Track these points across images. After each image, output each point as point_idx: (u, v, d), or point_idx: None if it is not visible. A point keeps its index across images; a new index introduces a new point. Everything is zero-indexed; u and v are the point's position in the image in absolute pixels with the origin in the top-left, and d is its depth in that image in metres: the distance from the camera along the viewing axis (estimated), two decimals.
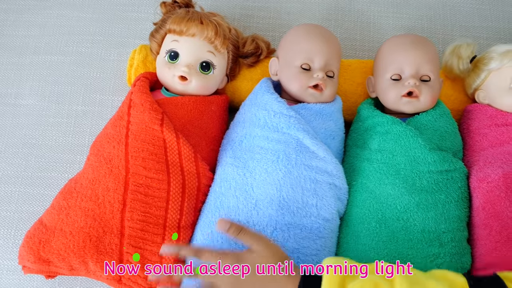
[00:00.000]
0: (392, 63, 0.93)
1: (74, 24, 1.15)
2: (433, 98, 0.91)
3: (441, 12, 1.17)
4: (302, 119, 0.88)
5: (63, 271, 0.85)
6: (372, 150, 0.90)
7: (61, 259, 0.82)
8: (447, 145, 0.91)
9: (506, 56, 0.93)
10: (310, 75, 0.91)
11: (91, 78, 1.10)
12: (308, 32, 0.94)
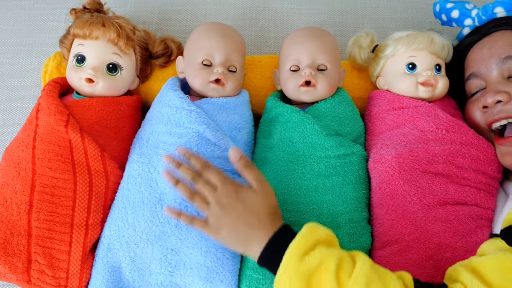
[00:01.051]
0: (290, 55, 0.95)
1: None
2: (330, 86, 0.94)
3: (352, 6, 1.20)
4: (203, 113, 0.90)
5: None
6: (275, 140, 0.93)
7: None
8: (347, 131, 0.93)
9: (399, 42, 0.96)
10: (211, 71, 0.93)
11: (12, 88, 1.11)
12: (208, 29, 0.96)
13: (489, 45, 0.91)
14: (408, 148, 0.88)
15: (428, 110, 0.92)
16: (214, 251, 0.85)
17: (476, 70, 0.92)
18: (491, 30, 0.93)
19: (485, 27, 0.94)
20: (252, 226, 0.76)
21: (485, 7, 0.94)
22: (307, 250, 0.70)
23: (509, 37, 0.90)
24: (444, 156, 0.88)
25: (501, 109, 0.87)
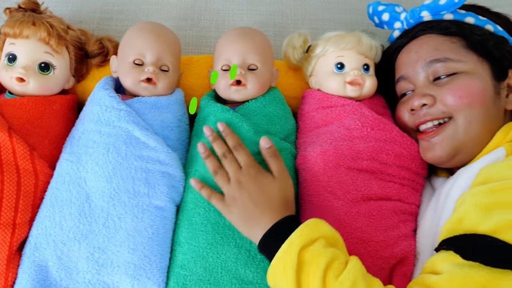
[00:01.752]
0: (221, 54, 0.96)
1: None
2: (261, 85, 0.95)
3: (292, 7, 1.21)
4: (133, 112, 0.90)
5: None
6: (205, 138, 0.93)
7: None
8: (277, 129, 0.95)
9: (328, 42, 0.98)
10: (142, 70, 0.93)
11: None
12: (140, 29, 0.97)
13: (416, 49, 0.93)
14: (333, 145, 0.90)
15: (355, 109, 0.93)
16: (141, 249, 0.86)
17: (404, 73, 0.94)
18: (418, 34, 0.95)
19: (413, 31, 0.96)
20: (261, 209, 0.80)
21: (412, 10, 0.96)
22: (307, 244, 0.72)
23: (434, 41, 0.92)
24: (368, 153, 0.90)
25: (427, 112, 0.89)
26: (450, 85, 0.87)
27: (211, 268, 0.85)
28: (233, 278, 0.85)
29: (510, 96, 0.90)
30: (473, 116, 0.85)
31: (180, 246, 0.88)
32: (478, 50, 0.89)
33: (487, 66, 0.89)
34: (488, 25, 0.92)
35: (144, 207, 0.87)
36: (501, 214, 0.67)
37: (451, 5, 0.90)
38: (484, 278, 0.62)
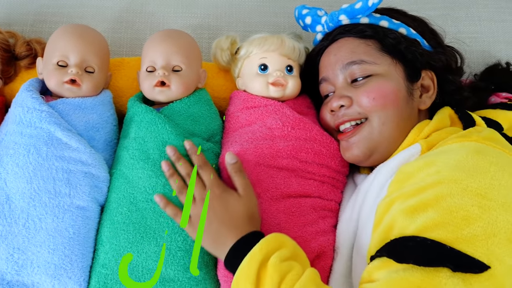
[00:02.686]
0: (147, 56, 0.97)
1: None
2: (185, 87, 0.96)
3: (227, 10, 1.23)
4: (55, 113, 0.90)
5: None
6: (130, 139, 0.94)
7: None
8: (201, 129, 0.96)
9: (252, 44, 1.00)
10: (65, 71, 0.93)
11: None
12: (65, 31, 0.97)
13: (335, 52, 0.96)
14: (253, 144, 0.92)
15: (277, 109, 0.95)
16: (62, 249, 0.86)
17: (325, 75, 0.97)
18: (337, 37, 0.98)
19: (332, 34, 0.99)
20: (226, 226, 0.81)
21: (331, 14, 0.98)
22: (264, 259, 0.73)
23: (351, 44, 0.95)
24: (288, 151, 0.91)
25: (345, 112, 0.92)
26: (365, 87, 0.90)
27: (132, 266, 0.86)
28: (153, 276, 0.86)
29: (423, 96, 0.93)
30: (387, 117, 0.88)
31: (102, 246, 0.88)
32: (392, 52, 0.92)
33: (400, 68, 0.92)
34: (401, 28, 0.95)
35: (65, 207, 0.87)
36: (426, 213, 0.68)
37: (365, 9, 0.92)
38: (419, 279, 0.63)
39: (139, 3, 1.22)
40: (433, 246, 0.65)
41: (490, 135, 0.82)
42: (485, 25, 1.24)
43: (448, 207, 0.67)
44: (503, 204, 0.66)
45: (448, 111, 0.92)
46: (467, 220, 0.65)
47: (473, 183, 0.68)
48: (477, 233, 0.64)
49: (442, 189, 0.69)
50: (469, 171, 0.70)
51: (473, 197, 0.67)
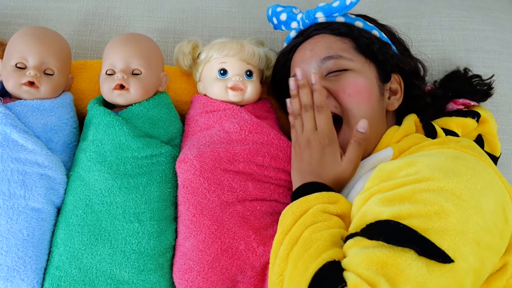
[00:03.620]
0: (107, 59, 0.98)
1: None
2: (144, 90, 0.96)
3: (193, 15, 1.23)
4: (11, 115, 0.90)
5: None
6: (88, 141, 0.94)
7: None
8: (160, 132, 0.96)
9: (212, 48, 1.00)
10: (24, 73, 0.93)
11: None
12: (24, 33, 0.96)
13: (311, 47, 0.96)
14: (210, 148, 0.92)
15: (235, 113, 0.96)
16: (15, 251, 0.85)
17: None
18: (312, 33, 0.98)
19: (308, 30, 1.00)
20: (309, 174, 0.84)
21: (308, 12, 0.99)
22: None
23: (328, 40, 0.96)
24: (245, 155, 0.92)
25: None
26: (341, 82, 0.91)
27: (86, 268, 0.86)
28: (108, 279, 0.86)
29: (391, 98, 0.95)
30: (360, 111, 0.89)
31: (57, 248, 0.88)
32: (365, 52, 0.94)
33: (374, 68, 0.94)
34: (374, 30, 0.97)
35: (20, 209, 0.87)
36: (402, 204, 0.69)
37: (342, 8, 0.94)
38: (386, 255, 0.64)
39: (105, 6, 1.22)
40: (404, 230, 0.66)
41: (467, 144, 0.84)
42: (446, 34, 1.26)
43: (423, 200, 0.69)
44: (475, 207, 0.68)
45: (414, 118, 0.93)
46: (440, 214, 0.67)
47: (450, 183, 0.70)
48: (447, 227, 0.66)
49: (419, 185, 0.71)
50: (447, 173, 0.72)
51: (449, 196, 0.68)
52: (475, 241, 0.66)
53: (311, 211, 0.77)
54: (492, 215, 0.69)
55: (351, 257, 0.68)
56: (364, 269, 0.64)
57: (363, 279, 0.63)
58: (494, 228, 0.68)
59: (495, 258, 0.69)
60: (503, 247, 0.70)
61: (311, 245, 0.72)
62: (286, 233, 0.76)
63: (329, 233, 0.74)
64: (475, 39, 1.26)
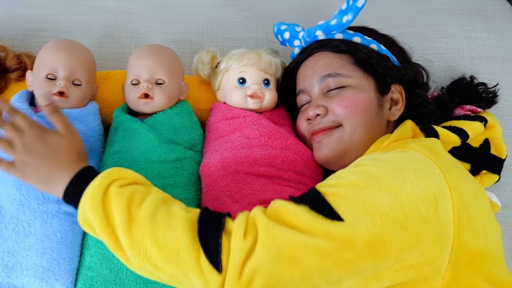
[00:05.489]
0: (131, 70, 1.02)
1: None
2: (168, 99, 1.01)
3: (208, 26, 1.28)
4: (44, 124, 0.94)
5: None
6: (116, 147, 0.99)
7: None
8: (183, 139, 1.01)
9: (231, 59, 1.05)
10: (54, 84, 0.98)
11: None
12: (54, 46, 1.01)
13: (312, 65, 1.01)
14: (232, 153, 0.97)
15: (254, 120, 1.01)
16: (50, 252, 0.89)
17: (303, 87, 1.02)
18: (313, 51, 1.03)
19: (309, 48, 1.04)
20: (55, 166, 0.81)
21: (308, 30, 1.04)
22: (106, 188, 0.77)
23: (327, 58, 1.00)
24: (265, 159, 0.96)
25: (320, 121, 0.97)
26: (338, 97, 0.96)
27: (116, 269, 0.89)
28: (137, 278, 0.89)
29: (392, 109, 0.99)
30: (358, 124, 0.94)
31: (88, 249, 0.92)
32: (364, 66, 0.98)
33: (372, 81, 0.98)
34: (372, 44, 1.02)
35: (54, 213, 0.91)
36: (328, 180, 0.80)
37: (340, 26, 0.98)
38: (282, 205, 0.77)
39: (124, 19, 1.27)
40: (312, 192, 0.78)
41: (430, 145, 0.88)
42: (451, 42, 1.31)
43: (342, 176, 0.80)
44: (391, 188, 0.74)
45: (410, 123, 0.96)
46: (349, 186, 0.76)
47: (373, 168, 0.78)
48: (350, 196, 0.74)
49: (347, 168, 0.82)
50: (376, 161, 0.81)
51: (365, 175, 0.77)
52: (378, 214, 0.72)
53: (112, 194, 0.77)
54: (413, 201, 0.74)
55: (273, 205, 0.79)
56: (252, 212, 0.78)
57: (247, 216, 0.76)
58: (414, 211, 0.73)
59: (409, 238, 0.73)
60: (425, 232, 0.74)
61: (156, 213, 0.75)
62: (112, 227, 0.75)
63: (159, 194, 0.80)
64: (478, 47, 1.31)
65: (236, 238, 0.73)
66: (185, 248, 0.73)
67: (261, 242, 0.72)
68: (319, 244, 0.71)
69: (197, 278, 0.72)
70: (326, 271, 0.72)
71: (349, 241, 0.71)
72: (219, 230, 0.74)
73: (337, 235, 0.71)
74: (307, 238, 0.71)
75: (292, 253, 0.71)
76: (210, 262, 0.72)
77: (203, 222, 0.76)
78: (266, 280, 0.71)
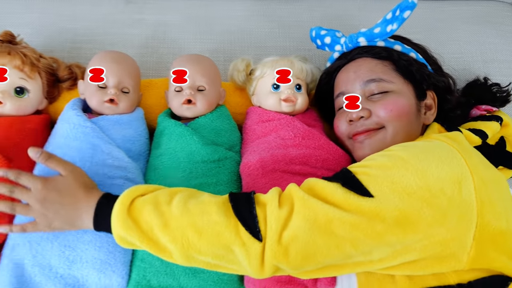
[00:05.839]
0: (173, 77, 1.06)
1: None
2: (209, 104, 1.05)
3: (239, 37, 1.32)
4: (97, 129, 0.98)
5: None
6: (162, 149, 1.02)
7: None
8: (223, 140, 1.05)
9: (265, 66, 1.09)
10: (105, 92, 1.02)
11: None
12: (103, 57, 1.05)
13: (354, 69, 1.02)
14: (270, 153, 1.00)
15: (289, 122, 1.04)
16: (106, 246, 0.92)
17: (344, 90, 1.02)
18: (355, 56, 1.04)
19: (351, 53, 1.05)
20: (72, 206, 0.82)
21: (350, 36, 1.05)
22: (129, 205, 0.79)
23: (370, 63, 1.01)
24: (300, 158, 1.00)
25: (363, 123, 0.98)
26: (382, 101, 0.97)
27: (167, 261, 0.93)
28: (186, 268, 0.93)
29: (427, 114, 1.01)
30: (400, 126, 0.95)
31: None
32: (404, 73, 1.00)
33: (411, 87, 1.00)
34: (412, 52, 1.04)
35: None
36: (371, 167, 0.80)
37: (383, 34, 1.00)
38: (316, 182, 0.80)
39: (162, 31, 1.31)
40: (344, 172, 0.81)
41: (451, 135, 0.90)
42: (463, 47, 1.34)
43: (374, 158, 0.82)
44: (417, 170, 0.77)
45: (436, 125, 0.99)
46: (379, 167, 0.79)
47: (401, 152, 0.81)
48: (379, 175, 0.77)
49: (379, 152, 0.84)
50: (405, 147, 0.83)
51: (394, 158, 0.80)
52: (406, 192, 0.75)
53: (137, 206, 0.78)
54: (438, 181, 0.76)
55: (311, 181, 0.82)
56: (287, 188, 0.81)
57: (279, 191, 0.80)
58: (439, 191, 0.75)
59: (436, 215, 0.75)
60: (451, 211, 0.75)
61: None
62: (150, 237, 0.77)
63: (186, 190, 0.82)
64: (490, 51, 1.33)
65: (272, 207, 0.76)
66: (223, 227, 0.75)
67: (298, 212, 0.75)
68: (352, 218, 0.74)
69: (239, 249, 0.75)
70: (358, 242, 0.74)
71: (379, 215, 0.74)
72: (252, 203, 0.78)
73: (368, 209, 0.74)
74: (340, 212, 0.74)
75: (328, 224, 0.74)
76: (250, 233, 0.75)
77: (234, 201, 0.79)
78: (304, 247, 0.74)
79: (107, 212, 0.79)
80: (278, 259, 0.74)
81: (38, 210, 0.83)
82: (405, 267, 0.78)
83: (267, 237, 0.74)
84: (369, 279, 0.82)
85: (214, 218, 0.76)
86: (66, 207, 0.83)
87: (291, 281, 0.90)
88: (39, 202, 0.83)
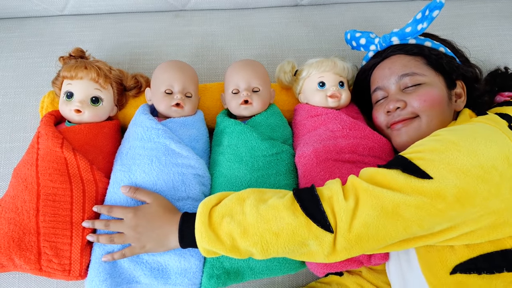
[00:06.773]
0: (231, 81, 1.06)
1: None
2: (263, 103, 1.05)
3: (279, 41, 1.32)
4: (168, 130, 0.99)
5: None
6: (224, 146, 1.03)
7: None
8: (278, 135, 1.05)
9: (311, 66, 1.08)
10: (172, 97, 1.03)
11: (15, 122, 1.17)
12: (167, 66, 1.06)
13: (389, 66, 1.02)
14: (322, 144, 1.00)
15: (336, 115, 1.04)
16: None
17: (380, 85, 1.03)
18: (390, 54, 1.04)
19: (385, 52, 1.05)
20: (160, 228, 0.87)
21: (384, 36, 1.05)
22: (208, 219, 0.81)
23: (403, 60, 1.01)
24: (349, 148, 1.00)
25: (400, 113, 0.98)
26: (416, 92, 0.97)
27: None
28: None
29: (458, 101, 1.01)
30: (433, 115, 0.95)
31: None
32: (435, 66, 1.00)
33: (442, 79, 0.99)
34: (441, 47, 1.03)
35: (183, 200, 0.96)
36: (424, 152, 0.79)
37: (414, 33, 1.00)
38: (376, 171, 0.79)
39: (209, 40, 1.31)
40: (400, 158, 0.80)
41: (490, 117, 0.90)
42: (483, 40, 1.32)
43: (424, 143, 0.81)
44: (469, 151, 0.76)
45: (468, 111, 0.98)
46: (433, 151, 0.78)
47: (450, 135, 0.80)
48: (434, 159, 0.76)
49: (429, 137, 0.83)
50: (453, 131, 0.82)
51: (446, 142, 0.79)
52: (461, 171, 0.74)
53: (214, 214, 0.81)
54: (489, 159, 0.76)
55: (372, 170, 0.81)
56: (348, 180, 0.80)
57: (340, 184, 0.80)
58: (491, 167, 0.75)
59: (490, 188, 0.75)
60: (503, 183, 0.76)
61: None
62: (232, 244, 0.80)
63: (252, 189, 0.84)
64: (508, 43, 1.31)
65: (339, 201, 0.77)
66: (297, 227, 0.77)
67: (365, 202, 0.76)
68: (416, 200, 0.74)
69: (313, 242, 0.77)
70: (423, 221, 0.75)
71: (440, 194, 0.74)
72: (318, 200, 0.78)
73: (430, 190, 0.74)
74: (404, 196, 0.74)
75: (395, 209, 0.74)
76: (321, 227, 0.76)
77: (301, 200, 0.79)
78: (374, 232, 0.75)
79: (188, 232, 0.84)
80: (351, 244, 0.75)
81: (132, 236, 0.88)
82: (464, 237, 0.78)
83: (337, 228, 0.76)
84: (429, 250, 0.82)
85: (287, 221, 0.77)
86: (156, 230, 0.87)
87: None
88: (132, 229, 0.88)
